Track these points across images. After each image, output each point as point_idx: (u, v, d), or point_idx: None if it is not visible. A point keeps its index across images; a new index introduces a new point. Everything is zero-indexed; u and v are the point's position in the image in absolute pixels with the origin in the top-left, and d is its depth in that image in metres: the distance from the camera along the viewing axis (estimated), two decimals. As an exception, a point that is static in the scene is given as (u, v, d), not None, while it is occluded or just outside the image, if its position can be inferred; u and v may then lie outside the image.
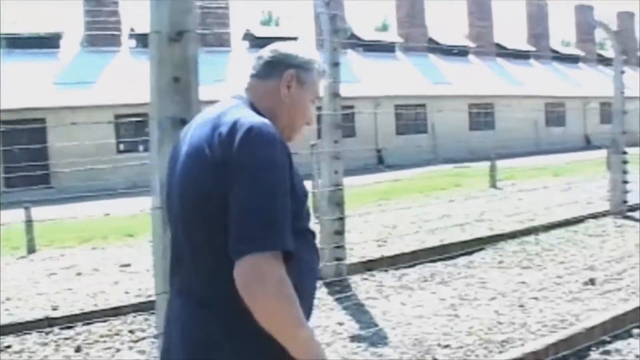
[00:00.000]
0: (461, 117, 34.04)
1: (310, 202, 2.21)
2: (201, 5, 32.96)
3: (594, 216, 11.26)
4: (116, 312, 6.97)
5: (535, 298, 6.65)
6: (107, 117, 24.94)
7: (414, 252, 8.86)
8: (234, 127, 1.87)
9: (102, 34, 30.38)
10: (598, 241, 9.38)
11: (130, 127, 25.73)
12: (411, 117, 32.88)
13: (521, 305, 6.40)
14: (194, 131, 2.01)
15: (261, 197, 1.80)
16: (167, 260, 2.93)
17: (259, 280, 1.75)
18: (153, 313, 6.94)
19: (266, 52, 2.16)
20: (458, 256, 8.82)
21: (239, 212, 1.80)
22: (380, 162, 29.68)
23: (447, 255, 8.81)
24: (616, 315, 5.45)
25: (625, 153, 11.56)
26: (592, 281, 7.12)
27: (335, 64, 7.57)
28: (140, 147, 25.95)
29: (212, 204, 1.85)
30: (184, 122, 2.81)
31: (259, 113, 1.99)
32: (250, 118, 1.90)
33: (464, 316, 6.14)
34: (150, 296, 7.33)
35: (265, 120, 1.92)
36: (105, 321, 6.75)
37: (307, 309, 1.99)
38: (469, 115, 35.01)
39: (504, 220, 11.78)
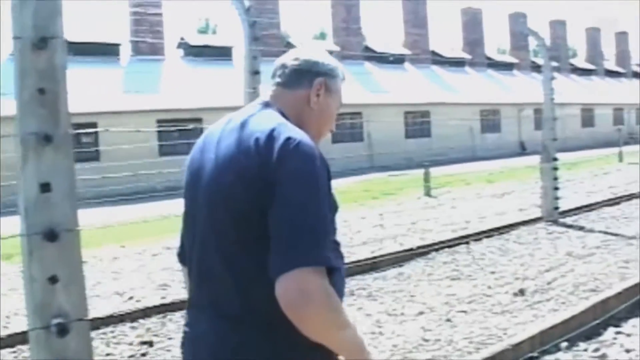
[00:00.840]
0: (397, 125, 34.10)
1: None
2: (134, 12, 32.38)
3: (526, 223, 11.20)
4: (25, 337, 6.53)
5: (464, 312, 6.47)
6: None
7: (343, 266, 8.60)
8: (271, 136, 1.83)
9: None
10: (529, 249, 9.28)
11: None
12: (347, 126, 32.77)
13: (448, 320, 6.21)
14: (224, 139, 1.95)
15: (305, 212, 1.76)
16: (39, 291, 2.63)
17: (304, 296, 1.71)
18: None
19: (290, 60, 2.11)
20: (388, 268, 8.62)
21: (281, 227, 1.75)
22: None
23: (378, 268, 8.61)
24: (544, 329, 5.27)
25: (555, 159, 11.55)
26: (521, 292, 6.98)
27: (255, 72, 7.30)
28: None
29: (250, 216, 1.80)
30: (49, 138, 2.50)
31: (289, 121, 1.96)
32: (286, 127, 1.87)
33: (388, 333, 5.91)
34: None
35: (302, 132, 1.88)
36: (13, 346, 6.34)
37: None
38: (405, 123, 35.09)
39: (436, 229, 11.66)
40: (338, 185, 15.00)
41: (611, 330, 5.68)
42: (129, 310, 7.30)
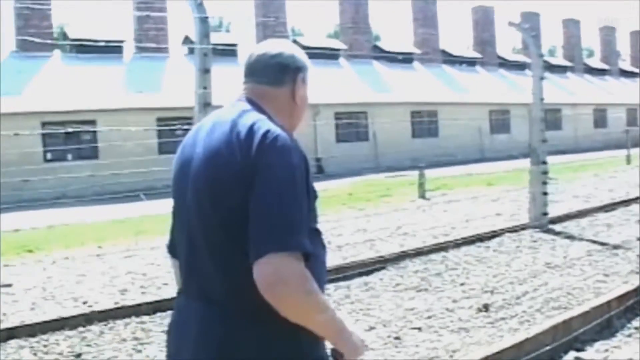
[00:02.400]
0: (403, 124, 33.44)
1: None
2: (138, 7, 32.04)
3: (512, 230, 10.63)
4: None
5: (418, 328, 5.97)
6: (33, 125, 23.92)
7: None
8: (251, 131, 1.94)
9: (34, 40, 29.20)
10: (508, 259, 8.73)
11: (59, 135, 24.65)
12: (352, 125, 32.23)
13: (397, 338, 5.71)
14: (209, 134, 2.04)
15: (281, 201, 1.85)
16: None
17: (280, 280, 1.80)
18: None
19: (269, 57, 2.17)
20: (355, 276, 8.12)
21: (259, 215, 1.85)
22: (320, 172, 28.94)
23: (344, 275, 8.11)
24: (489, 355, 4.74)
25: (545, 163, 10.98)
26: (485, 307, 6.46)
27: (206, 71, 6.86)
28: (69, 156, 24.99)
29: (234, 207, 1.90)
30: None
31: (269, 117, 2.03)
32: (265, 122, 1.97)
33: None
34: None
35: (278, 127, 1.97)
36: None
37: None
38: (411, 123, 34.42)
39: (420, 234, 11.12)
40: (333, 186, 14.51)
41: (571, 355, 5.16)
42: (57, 317, 6.91)
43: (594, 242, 9.58)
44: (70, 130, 22.91)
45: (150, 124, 24.03)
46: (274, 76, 2.15)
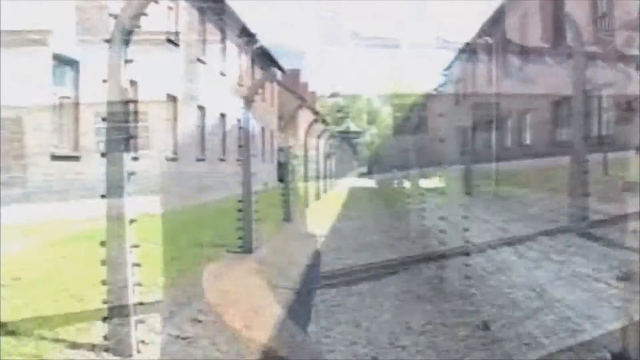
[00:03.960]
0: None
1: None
2: (199, 6, 31.81)
3: (549, 233, 9.76)
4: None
5: (402, 347, 5.35)
6: (88, 116, 24.06)
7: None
8: None
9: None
10: (531, 266, 7.91)
11: (112, 126, 24.73)
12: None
13: (374, 358, 5.11)
14: None
15: None
16: None
17: None
18: None
19: None
20: (361, 282, 7.52)
21: None
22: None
23: (351, 279, 7.54)
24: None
25: (586, 162, 10.02)
26: (486, 325, 5.78)
27: (191, 61, 6.37)
28: (122, 147, 25.10)
29: None
30: None
31: None
32: None
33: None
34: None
35: None
36: None
37: None
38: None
39: (449, 235, 10.38)
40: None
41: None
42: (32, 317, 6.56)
43: (635, 250, 8.65)
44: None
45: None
46: None
